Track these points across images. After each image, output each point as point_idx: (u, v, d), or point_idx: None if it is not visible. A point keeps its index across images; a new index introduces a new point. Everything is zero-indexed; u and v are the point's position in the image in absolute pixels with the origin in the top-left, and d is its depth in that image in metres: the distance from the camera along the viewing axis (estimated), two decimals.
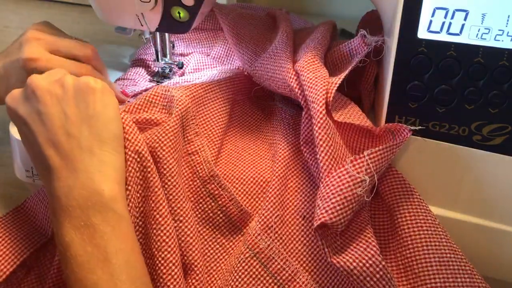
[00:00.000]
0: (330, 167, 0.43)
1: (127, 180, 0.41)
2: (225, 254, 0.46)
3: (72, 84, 0.41)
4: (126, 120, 0.43)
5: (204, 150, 0.47)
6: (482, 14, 0.40)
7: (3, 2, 1.15)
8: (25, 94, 0.42)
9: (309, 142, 0.47)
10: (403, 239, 0.44)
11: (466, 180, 0.46)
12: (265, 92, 0.60)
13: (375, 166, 0.42)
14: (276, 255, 0.44)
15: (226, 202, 0.46)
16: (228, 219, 0.47)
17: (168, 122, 0.45)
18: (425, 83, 0.44)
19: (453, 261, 0.42)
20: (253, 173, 0.49)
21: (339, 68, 0.52)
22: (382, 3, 0.48)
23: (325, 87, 0.45)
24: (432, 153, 0.46)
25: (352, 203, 0.41)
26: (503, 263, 0.48)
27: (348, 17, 0.89)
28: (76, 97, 0.41)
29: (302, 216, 0.46)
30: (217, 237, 0.46)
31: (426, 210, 0.45)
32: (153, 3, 0.52)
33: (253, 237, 0.44)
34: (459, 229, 0.47)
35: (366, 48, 0.48)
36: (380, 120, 0.48)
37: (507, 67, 0.41)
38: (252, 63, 0.56)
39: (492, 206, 0.46)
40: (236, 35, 0.58)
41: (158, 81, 0.62)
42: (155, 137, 0.44)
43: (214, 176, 0.46)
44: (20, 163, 0.55)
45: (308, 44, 0.53)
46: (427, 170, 0.47)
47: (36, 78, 0.42)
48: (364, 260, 0.40)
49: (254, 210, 0.47)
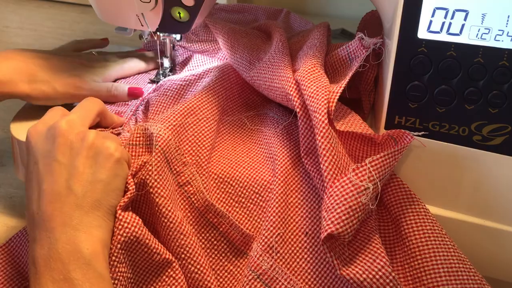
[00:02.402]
0: (334, 176, 0.42)
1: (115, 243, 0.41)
2: (234, 281, 0.45)
3: (92, 142, 0.42)
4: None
5: (196, 179, 0.47)
6: (482, 14, 0.40)
7: (3, 3, 1.15)
8: (47, 135, 0.43)
9: (310, 153, 0.47)
10: (410, 250, 0.43)
11: (466, 180, 0.46)
12: (255, 100, 0.59)
13: (378, 173, 0.42)
14: (280, 275, 0.43)
15: (227, 229, 0.46)
16: (231, 245, 0.46)
17: (150, 162, 0.44)
18: (425, 83, 0.44)
19: (462, 271, 0.41)
20: (251, 193, 0.48)
21: (339, 72, 0.52)
22: (382, 3, 0.48)
23: (327, 96, 0.45)
24: (432, 153, 0.46)
25: (358, 212, 0.40)
26: (503, 263, 0.48)
27: (348, 17, 0.89)
28: (92, 157, 0.41)
29: (305, 233, 0.45)
30: (225, 264, 0.46)
31: (432, 220, 0.44)
32: (153, 3, 0.52)
33: (255, 258, 0.43)
34: (459, 229, 0.47)
35: (364, 51, 0.48)
36: (380, 120, 0.48)
37: (507, 67, 0.41)
38: (248, 72, 0.55)
39: (492, 206, 0.46)
40: (230, 47, 0.58)
41: (158, 81, 0.62)
42: (142, 181, 0.44)
43: (209, 206, 0.46)
44: (20, 163, 0.55)
45: (307, 52, 0.52)
46: (427, 170, 0.47)
47: (61, 124, 0.42)
48: (374, 272, 0.39)
49: (255, 230, 0.47)
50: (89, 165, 0.41)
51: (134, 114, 0.56)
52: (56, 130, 0.42)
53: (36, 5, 1.12)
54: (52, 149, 0.41)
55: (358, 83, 0.54)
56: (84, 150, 0.41)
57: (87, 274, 0.37)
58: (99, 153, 0.42)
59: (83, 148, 0.41)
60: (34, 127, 0.44)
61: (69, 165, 0.41)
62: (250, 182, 0.48)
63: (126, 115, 0.56)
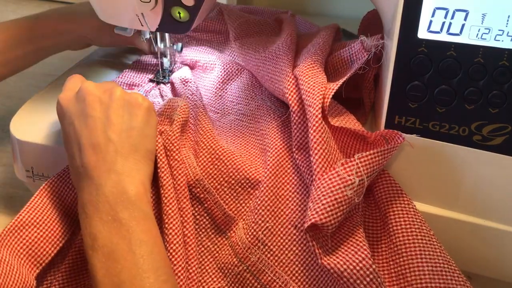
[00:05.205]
0: (324, 169, 0.43)
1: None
2: (209, 256, 0.47)
3: (120, 95, 0.45)
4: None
5: (190, 157, 0.49)
6: (482, 14, 0.40)
7: (3, 2, 1.15)
8: (77, 97, 0.46)
9: (302, 148, 0.48)
10: (397, 247, 0.44)
11: (466, 180, 0.46)
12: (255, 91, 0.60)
13: (366, 169, 0.42)
14: (266, 267, 0.45)
15: (211, 206, 0.47)
16: (213, 222, 0.48)
17: (174, 128, 0.48)
18: (425, 83, 0.44)
19: (447, 271, 0.42)
20: (242, 178, 0.49)
21: (340, 73, 0.52)
22: (382, 3, 0.48)
23: (322, 92, 0.46)
24: (432, 153, 0.46)
25: (343, 205, 0.41)
26: (503, 263, 0.48)
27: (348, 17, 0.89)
28: (122, 107, 0.45)
29: (294, 225, 0.46)
30: (203, 239, 0.47)
31: (421, 220, 0.45)
32: (153, 3, 0.52)
33: (243, 250, 0.45)
34: (459, 229, 0.47)
35: (366, 54, 0.49)
36: (380, 120, 0.48)
37: (507, 67, 0.41)
38: (254, 60, 0.56)
39: (492, 206, 0.46)
40: (241, 44, 0.60)
41: (158, 81, 0.62)
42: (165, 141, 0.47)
43: (199, 180, 0.47)
44: (20, 163, 0.55)
45: (309, 49, 0.53)
46: (427, 170, 0.47)
47: (89, 85, 0.46)
48: (354, 263, 0.40)
49: (238, 215, 0.48)
50: (121, 115, 0.44)
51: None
52: (84, 90, 0.45)
53: (36, 5, 1.12)
54: (84, 107, 0.44)
55: (359, 82, 0.54)
56: (114, 103, 0.45)
57: (133, 213, 0.40)
58: (128, 104, 0.45)
59: (113, 101, 0.45)
60: (62, 95, 0.47)
61: (103, 117, 0.44)
62: (243, 166, 0.49)
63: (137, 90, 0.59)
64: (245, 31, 0.61)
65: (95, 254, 0.39)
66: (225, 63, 0.62)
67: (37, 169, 0.54)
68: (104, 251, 0.39)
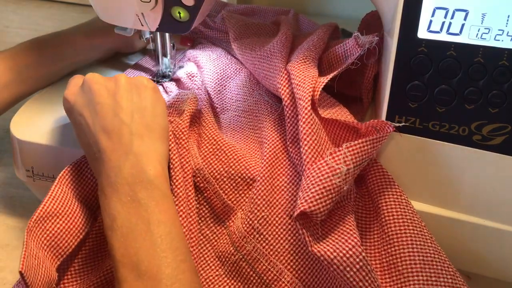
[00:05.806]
0: (313, 160, 0.44)
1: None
2: (208, 245, 0.48)
3: (126, 80, 0.46)
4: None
5: (193, 147, 0.49)
6: (482, 14, 0.40)
7: (3, 2, 1.15)
8: (82, 89, 0.46)
9: (295, 142, 0.48)
10: (388, 237, 0.44)
11: (466, 180, 0.46)
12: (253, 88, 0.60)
13: (354, 158, 0.43)
14: (261, 256, 0.45)
15: (211, 195, 0.48)
16: (213, 211, 0.48)
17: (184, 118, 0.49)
18: (425, 83, 0.44)
19: (437, 261, 0.43)
20: (242, 169, 0.49)
21: (334, 68, 0.53)
22: (382, 3, 0.48)
23: (312, 85, 0.47)
24: (432, 153, 0.46)
25: (332, 193, 0.41)
26: (503, 263, 0.48)
27: (348, 17, 0.89)
28: (130, 91, 0.45)
29: (289, 215, 0.46)
30: (202, 228, 0.48)
31: (412, 211, 0.45)
32: (153, 3, 0.52)
33: (239, 239, 0.46)
34: (459, 229, 0.48)
35: (359, 50, 0.49)
36: (380, 119, 0.48)
37: (507, 67, 0.41)
38: (251, 59, 0.57)
39: (492, 205, 0.46)
40: (239, 45, 0.60)
41: (158, 81, 0.62)
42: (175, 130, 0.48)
43: (199, 170, 0.48)
44: (20, 163, 0.55)
45: (303, 45, 0.54)
46: (427, 170, 0.47)
47: (93, 76, 0.46)
48: (344, 251, 0.40)
49: (237, 205, 0.48)
50: (130, 98, 0.45)
51: None
52: (89, 81, 0.46)
53: (36, 5, 1.12)
54: (92, 96, 0.45)
55: (357, 79, 0.54)
56: (121, 88, 0.45)
57: (152, 193, 0.40)
58: (135, 87, 0.46)
59: (119, 87, 0.45)
60: (67, 91, 0.48)
61: (112, 103, 0.44)
62: (244, 158, 0.50)
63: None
64: (243, 33, 0.62)
65: (114, 234, 0.39)
66: (225, 62, 0.63)
67: (37, 169, 0.54)
68: (123, 231, 0.39)
